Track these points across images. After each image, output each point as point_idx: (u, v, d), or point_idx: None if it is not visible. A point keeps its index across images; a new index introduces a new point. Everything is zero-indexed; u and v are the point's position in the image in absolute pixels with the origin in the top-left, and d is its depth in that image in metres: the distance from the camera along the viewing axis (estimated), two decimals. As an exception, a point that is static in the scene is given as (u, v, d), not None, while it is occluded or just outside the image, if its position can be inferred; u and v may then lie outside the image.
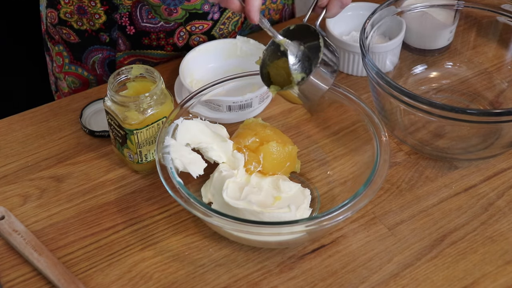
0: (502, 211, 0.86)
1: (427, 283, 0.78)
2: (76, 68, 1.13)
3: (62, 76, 1.15)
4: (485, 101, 1.00)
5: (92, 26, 1.06)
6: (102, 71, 1.12)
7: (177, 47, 1.09)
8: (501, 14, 0.97)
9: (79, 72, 1.13)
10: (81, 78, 1.13)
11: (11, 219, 0.84)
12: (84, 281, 0.79)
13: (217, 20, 1.07)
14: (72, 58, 1.12)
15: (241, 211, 0.80)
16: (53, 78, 1.20)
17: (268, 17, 1.15)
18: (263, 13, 1.13)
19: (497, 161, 0.92)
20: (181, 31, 1.06)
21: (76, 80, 1.14)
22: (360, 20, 1.07)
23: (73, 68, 1.13)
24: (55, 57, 1.14)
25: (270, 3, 1.14)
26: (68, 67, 1.13)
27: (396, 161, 0.92)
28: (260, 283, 0.79)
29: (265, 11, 1.14)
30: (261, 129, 0.88)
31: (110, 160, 0.93)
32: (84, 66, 1.12)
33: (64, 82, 1.16)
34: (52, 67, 1.18)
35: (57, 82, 1.19)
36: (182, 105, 0.86)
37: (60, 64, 1.14)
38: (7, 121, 1.00)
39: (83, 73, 1.13)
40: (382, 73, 0.85)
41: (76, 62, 1.12)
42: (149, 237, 0.84)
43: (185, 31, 1.06)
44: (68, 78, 1.14)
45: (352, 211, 0.74)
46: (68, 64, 1.13)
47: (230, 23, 1.08)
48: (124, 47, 1.08)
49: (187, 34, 1.07)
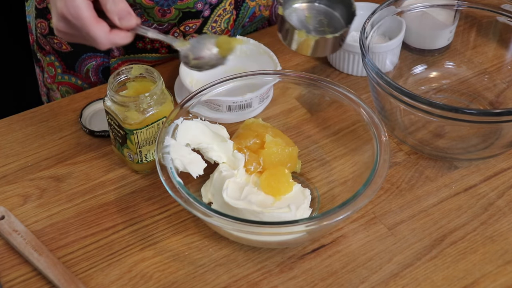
0: (502, 211, 0.86)
1: (427, 283, 0.79)
2: (69, 78, 1.11)
3: (55, 87, 1.14)
4: (485, 101, 1.00)
5: None
6: (96, 79, 1.11)
7: (171, 49, 1.09)
8: (501, 14, 0.97)
9: (73, 81, 1.12)
10: (75, 87, 1.12)
11: (11, 219, 0.84)
12: (84, 281, 0.79)
13: (208, 17, 1.07)
14: (64, 67, 1.10)
15: (241, 211, 0.80)
16: (44, 89, 1.19)
17: (258, 13, 1.15)
18: (253, 10, 1.13)
19: (497, 161, 0.92)
20: (174, 32, 1.06)
21: (70, 89, 1.13)
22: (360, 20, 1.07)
23: (66, 77, 1.12)
24: (47, 67, 1.13)
25: None
26: (61, 77, 1.12)
27: (396, 161, 0.92)
28: (260, 283, 0.79)
29: (256, 8, 1.14)
30: (262, 130, 0.88)
31: (110, 160, 0.93)
32: (77, 75, 1.11)
33: (57, 92, 1.14)
34: (43, 78, 1.16)
35: (49, 93, 1.17)
36: (182, 105, 0.86)
37: (52, 74, 1.13)
38: (7, 121, 1.00)
39: (76, 82, 1.11)
40: (382, 73, 0.85)
41: (69, 71, 1.11)
42: (149, 237, 0.84)
43: (179, 31, 1.06)
44: (62, 88, 1.13)
45: (352, 211, 0.74)
46: (61, 74, 1.12)
47: (222, 20, 1.08)
48: (118, 52, 1.07)
49: (181, 35, 1.07)
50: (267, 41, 1.12)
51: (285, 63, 1.08)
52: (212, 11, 1.06)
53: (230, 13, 1.09)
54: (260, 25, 1.18)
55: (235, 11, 1.10)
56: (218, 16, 1.07)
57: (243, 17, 1.12)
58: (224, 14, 1.08)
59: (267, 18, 1.18)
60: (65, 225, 0.85)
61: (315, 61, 1.09)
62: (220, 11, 1.07)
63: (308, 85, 0.90)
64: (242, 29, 1.15)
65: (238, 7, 1.10)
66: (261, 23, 1.18)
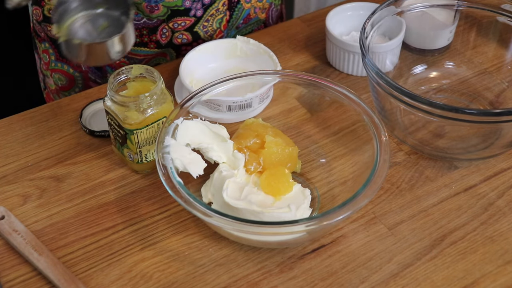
0: (502, 211, 0.86)
1: (427, 283, 0.79)
2: (62, 65, 1.13)
3: (49, 74, 1.16)
4: (485, 101, 1.00)
5: None
6: (87, 68, 1.11)
7: (160, 45, 1.09)
8: (501, 14, 0.97)
9: (65, 69, 1.13)
10: (67, 75, 1.13)
11: (11, 219, 0.84)
12: (84, 281, 0.79)
13: (200, 17, 1.07)
14: (57, 55, 1.12)
15: (241, 211, 0.80)
16: (41, 76, 1.21)
17: (254, 15, 1.15)
18: (248, 11, 1.13)
19: (497, 161, 0.92)
20: (163, 28, 1.06)
21: (63, 77, 1.14)
22: (360, 20, 1.08)
23: (59, 65, 1.13)
24: (42, 54, 1.15)
25: (256, 2, 1.14)
26: (54, 64, 1.13)
27: (396, 161, 0.92)
28: (260, 283, 0.79)
29: (251, 9, 1.14)
30: (262, 130, 0.88)
31: (110, 160, 0.93)
32: (69, 63, 1.12)
33: (51, 79, 1.16)
34: (40, 65, 1.18)
35: (45, 79, 1.19)
36: (182, 105, 0.86)
37: (46, 61, 1.14)
38: (7, 121, 1.00)
39: (68, 70, 1.12)
40: (382, 73, 0.85)
41: (62, 59, 1.12)
42: (149, 237, 0.84)
43: (168, 28, 1.06)
44: (55, 75, 1.15)
45: (352, 211, 0.74)
46: (54, 61, 1.13)
47: (214, 20, 1.08)
48: None
49: (169, 31, 1.07)
50: (267, 41, 1.12)
51: (285, 63, 1.08)
52: (205, 11, 1.06)
53: (223, 14, 1.10)
54: (256, 27, 1.18)
55: (228, 12, 1.10)
56: (210, 15, 1.08)
57: (237, 18, 1.12)
58: (216, 14, 1.08)
59: (263, 20, 1.18)
60: (65, 225, 0.85)
61: (315, 61, 1.09)
62: (213, 11, 1.07)
63: (308, 85, 0.90)
64: (236, 30, 1.15)
65: (232, 8, 1.10)
66: (257, 26, 1.18)
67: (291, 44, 1.12)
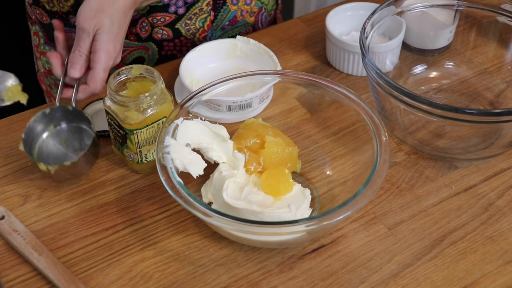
0: (502, 211, 0.86)
1: (427, 283, 0.79)
2: (50, 48, 1.13)
3: (39, 56, 1.17)
4: (485, 101, 1.00)
5: (62, 8, 1.07)
6: None
7: (140, 38, 1.10)
8: (501, 14, 0.97)
9: None
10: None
11: (11, 219, 0.84)
12: (84, 281, 0.79)
13: (183, 14, 1.07)
14: (46, 38, 1.13)
15: (241, 211, 0.80)
16: (34, 58, 1.22)
17: (241, 18, 1.15)
18: (235, 14, 1.13)
19: (497, 161, 0.92)
20: (143, 22, 1.07)
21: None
22: (360, 20, 1.07)
23: (47, 48, 1.14)
24: (33, 36, 1.16)
25: (244, 5, 1.14)
26: (43, 47, 1.14)
27: (396, 161, 0.92)
28: (260, 283, 0.79)
29: (238, 12, 1.14)
30: (262, 130, 0.88)
31: (110, 160, 0.93)
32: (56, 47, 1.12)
33: (40, 61, 1.17)
34: (33, 46, 1.19)
35: (36, 61, 1.20)
36: (182, 105, 0.86)
37: (36, 43, 1.16)
38: (7, 121, 1.00)
39: None
40: (382, 73, 0.85)
41: (49, 42, 1.13)
42: (149, 237, 0.84)
43: (147, 22, 1.07)
44: (43, 58, 1.15)
45: (352, 211, 0.74)
46: (43, 44, 1.14)
47: (197, 19, 1.09)
48: None
49: (149, 25, 1.08)
50: (267, 41, 1.12)
51: (285, 63, 1.09)
52: (187, 9, 1.07)
53: (207, 14, 1.10)
54: (244, 30, 1.18)
55: (213, 12, 1.10)
56: (193, 14, 1.08)
57: (222, 20, 1.13)
58: (200, 14, 1.09)
59: (252, 24, 1.18)
60: (65, 225, 0.85)
61: (315, 61, 1.09)
62: (196, 10, 1.08)
63: (308, 85, 0.90)
64: (222, 31, 1.15)
65: (217, 8, 1.11)
66: (245, 28, 1.18)
67: (291, 44, 1.12)
